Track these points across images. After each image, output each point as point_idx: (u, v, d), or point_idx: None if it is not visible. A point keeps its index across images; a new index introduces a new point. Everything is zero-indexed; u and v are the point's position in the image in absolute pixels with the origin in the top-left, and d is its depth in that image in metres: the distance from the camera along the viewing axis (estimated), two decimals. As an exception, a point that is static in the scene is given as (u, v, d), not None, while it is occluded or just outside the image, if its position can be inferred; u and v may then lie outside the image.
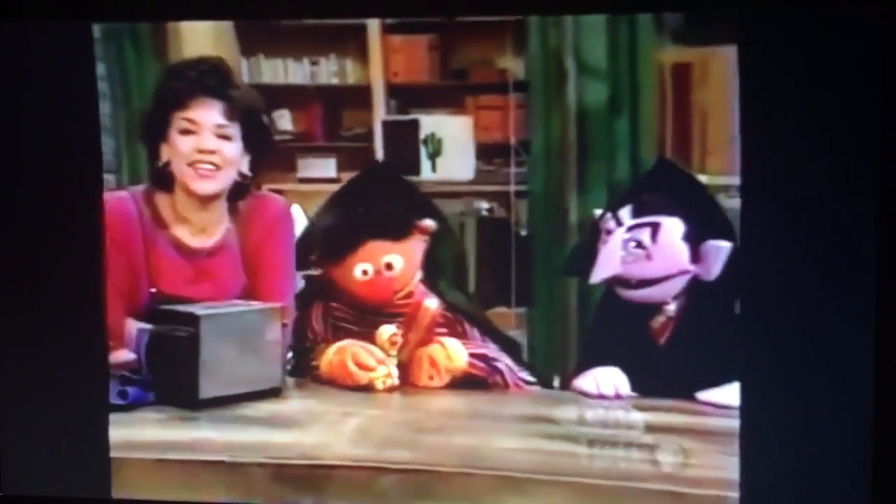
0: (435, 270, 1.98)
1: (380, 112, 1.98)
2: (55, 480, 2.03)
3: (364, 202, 1.95)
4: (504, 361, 1.93)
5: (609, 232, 1.87)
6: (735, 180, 1.80)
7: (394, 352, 1.95)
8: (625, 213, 1.87)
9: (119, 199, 1.96)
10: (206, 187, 1.94)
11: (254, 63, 1.98)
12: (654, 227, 1.85)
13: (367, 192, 1.95)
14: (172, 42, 1.95)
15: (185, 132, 1.93)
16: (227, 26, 1.94)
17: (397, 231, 1.96)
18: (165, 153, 1.94)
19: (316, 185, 2.00)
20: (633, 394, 1.87)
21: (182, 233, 1.97)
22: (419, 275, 1.98)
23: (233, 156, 1.94)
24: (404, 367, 1.96)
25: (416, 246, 1.96)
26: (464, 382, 1.93)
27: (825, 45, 1.74)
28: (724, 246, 1.82)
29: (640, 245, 1.86)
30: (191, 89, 1.92)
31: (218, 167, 1.94)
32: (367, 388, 1.93)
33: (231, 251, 1.99)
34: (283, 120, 2.01)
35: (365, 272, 1.96)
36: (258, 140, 1.95)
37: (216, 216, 1.97)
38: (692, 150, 1.82)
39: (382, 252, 1.96)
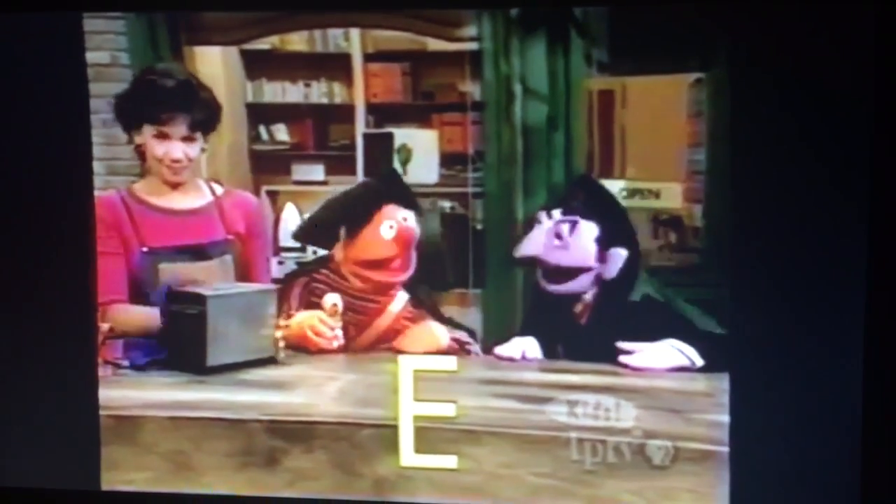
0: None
1: (360, 126, 2.06)
2: (44, 473, 2.09)
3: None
4: (475, 348, 2.04)
5: (539, 222, 2.00)
6: (649, 185, 1.92)
7: (337, 318, 2.07)
8: (556, 212, 1.99)
9: (103, 194, 2.08)
10: (176, 178, 2.09)
11: (257, 85, 2.09)
12: (573, 224, 1.98)
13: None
14: (188, 66, 2.04)
15: (158, 138, 2.06)
16: (235, 55, 2.06)
17: (410, 199, 2.06)
18: (137, 139, 2.06)
19: (307, 187, 2.10)
20: (540, 358, 1.99)
21: (162, 200, 2.10)
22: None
23: (196, 153, 2.08)
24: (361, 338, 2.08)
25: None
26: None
27: (815, 46, 1.77)
28: (623, 253, 1.95)
29: (559, 236, 1.98)
30: (165, 107, 2.04)
31: (185, 166, 2.08)
32: (322, 351, 2.07)
33: (211, 216, 2.11)
34: (281, 132, 2.11)
35: (391, 227, 2.07)
36: (214, 126, 2.06)
37: (192, 184, 2.10)
38: (614, 159, 1.94)
39: (398, 211, 2.07)
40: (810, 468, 1.86)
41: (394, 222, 2.08)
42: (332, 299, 2.08)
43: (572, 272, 2.00)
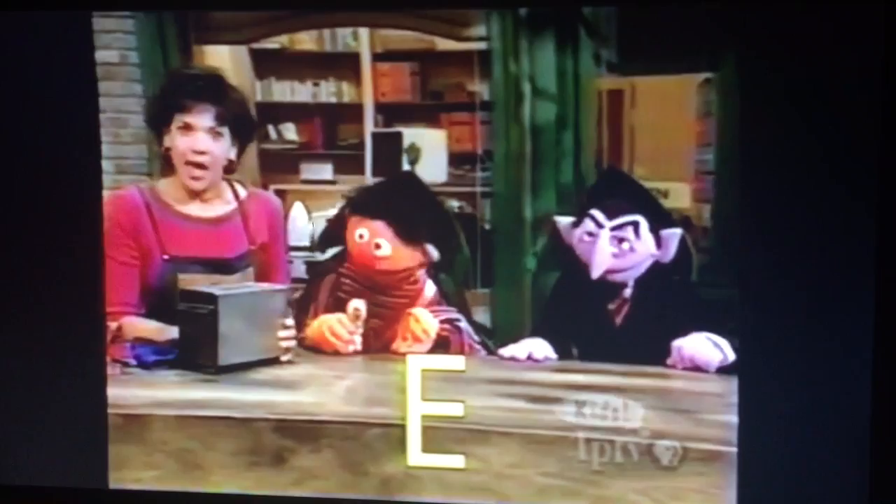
0: (438, 264, 2.07)
1: (369, 125, 2.07)
2: (52, 471, 2.09)
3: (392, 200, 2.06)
4: (463, 322, 2.04)
5: (591, 234, 1.96)
6: (657, 184, 1.92)
7: (359, 323, 2.07)
8: (599, 215, 1.95)
9: (123, 191, 2.08)
10: (196, 185, 2.08)
11: (266, 84, 2.08)
12: (636, 225, 1.95)
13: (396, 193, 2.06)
14: (198, 63, 2.05)
15: (184, 130, 2.05)
16: (244, 55, 2.06)
17: (404, 232, 2.06)
18: (167, 141, 2.06)
19: (316, 186, 2.10)
20: (552, 357, 1.97)
21: (186, 207, 2.09)
22: (423, 265, 2.07)
23: (221, 152, 2.06)
24: (385, 337, 2.07)
25: (411, 254, 2.06)
26: (434, 346, 2.03)
27: (824, 47, 1.78)
28: (677, 232, 1.92)
29: (623, 240, 1.94)
30: (191, 95, 2.04)
31: (207, 167, 2.06)
32: (337, 353, 2.06)
33: (236, 226, 2.11)
34: (289, 132, 2.11)
35: (361, 236, 2.07)
36: (245, 135, 2.07)
37: (215, 189, 2.10)
38: (623, 159, 1.93)
39: (379, 234, 2.07)
40: (819, 469, 1.86)
41: (366, 233, 2.08)
42: (355, 304, 2.08)
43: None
